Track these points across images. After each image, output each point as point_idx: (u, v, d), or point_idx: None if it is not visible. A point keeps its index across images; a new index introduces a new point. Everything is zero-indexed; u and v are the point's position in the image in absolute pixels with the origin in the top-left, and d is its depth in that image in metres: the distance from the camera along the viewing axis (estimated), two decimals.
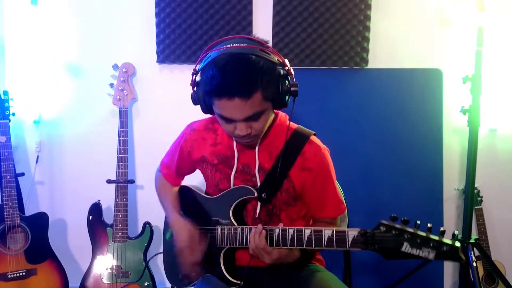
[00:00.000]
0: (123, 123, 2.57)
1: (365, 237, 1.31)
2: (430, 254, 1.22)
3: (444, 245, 1.21)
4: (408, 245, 1.24)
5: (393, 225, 1.27)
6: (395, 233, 1.26)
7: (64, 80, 2.76)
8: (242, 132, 1.43)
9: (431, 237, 1.22)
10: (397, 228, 1.26)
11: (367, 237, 1.31)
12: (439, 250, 1.21)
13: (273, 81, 1.41)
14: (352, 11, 2.63)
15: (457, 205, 2.81)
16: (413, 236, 1.24)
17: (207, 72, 1.38)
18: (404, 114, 2.69)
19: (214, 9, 2.64)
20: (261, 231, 1.44)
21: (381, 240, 1.28)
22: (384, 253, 1.29)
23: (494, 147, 2.77)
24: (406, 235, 1.25)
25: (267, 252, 1.44)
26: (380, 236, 1.28)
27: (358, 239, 1.33)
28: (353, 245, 1.34)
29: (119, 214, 2.52)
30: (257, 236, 1.44)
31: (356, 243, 1.33)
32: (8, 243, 2.42)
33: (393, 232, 1.26)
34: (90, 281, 2.50)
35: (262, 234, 1.44)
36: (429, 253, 1.22)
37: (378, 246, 1.29)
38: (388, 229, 1.27)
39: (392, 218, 1.27)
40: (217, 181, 1.65)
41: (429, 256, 1.22)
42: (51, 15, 2.72)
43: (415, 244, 1.23)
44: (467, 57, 2.45)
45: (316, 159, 1.57)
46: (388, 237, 1.27)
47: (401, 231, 1.26)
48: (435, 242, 1.21)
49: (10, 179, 2.42)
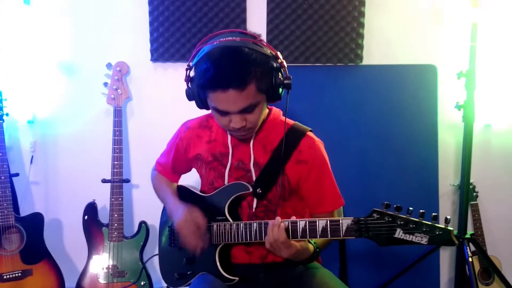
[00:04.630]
0: (117, 122, 2.56)
1: (358, 225, 1.32)
2: (423, 239, 1.23)
3: (436, 229, 1.23)
4: (401, 231, 1.26)
5: (386, 212, 1.29)
6: (388, 219, 1.28)
7: (58, 79, 2.74)
8: (237, 124, 1.43)
9: (424, 222, 1.24)
10: (390, 215, 1.28)
11: (361, 225, 1.32)
12: (432, 234, 1.22)
13: (267, 73, 1.41)
14: (346, 8, 2.63)
15: (452, 201, 2.82)
16: (406, 222, 1.25)
17: (201, 66, 1.39)
18: (399, 110, 2.69)
19: (208, 6, 2.63)
20: (279, 223, 1.40)
21: (374, 227, 1.30)
22: (378, 240, 1.30)
23: (489, 143, 2.78)
24: (399, 221, 1.26)
25: (287, 246, 1.40)
26: (373, 223, 1.30)
27: (352, 227, 1.33)
28: (347, 233, 1.34)
29: (114, 213, 2.51)
30: (276, 229, 1.39)
31: (350, 231, 1.34)
32: (3, 244, 2.41)
33: (386, 219, 1.28)
34: (86, 281, 2.49)
35: (282, 226, 1.40)
36: (422, 238, 1.23)
37: (372, 233, 1.30)
38: (381, 216, 1.29)
39: (385, 205, 1.29)
40: (211, 180, 1.64)
41: (422, 241, 1.23)
42: (44, 15, 2.70)
43: (408, 229, 1.25)
44: (462, 52, 2.45)
45: (310, 151, 1.57)
46: (381, 223, 1.28)
47: (394, 218, 1.27)
48: (427, 227, 1.23)
49: (4, 180, 2.41)
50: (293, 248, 1.41)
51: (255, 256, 1.61)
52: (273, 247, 1.42)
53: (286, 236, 1.39)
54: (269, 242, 1.41)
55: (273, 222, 1.41)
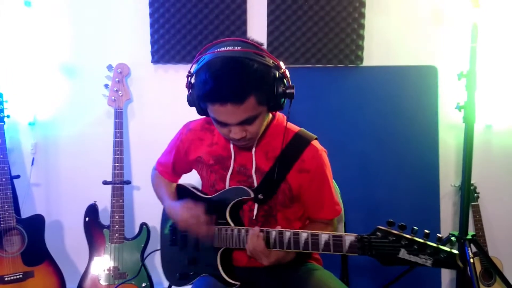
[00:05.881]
0: (118, 124, 2.57)
1: (361, 243, 1.30)
2: (427, 261, 1.20)
3: (441, 252, 1.19)
4: (405, 252, 1.22)
5: (390, 230, 1.26)
6: (391, 239, 1.24)
7: (59, 81, 2.74)
8: (237, 135, 1.42)
9: (429, 244, 1.20)
10: (394, 234, 1.25)
11: (364, 243, 1.29)
12: (437, 257, 1.19)
13: (268, 84, 1.39)
14: (346, 9, 2.63)
15: (453, 202, 2.82)
16: (410, 242, 1.22)
17: (201, 76, 1.37)
18: (400, 111, 2.69)
19: (208, 8, 2.63)
20: (258, 233, 1.43)
21: (378, 246, 1.27)
22: (381, 258, 1.27)
23: (490, 143, 2.78)
24: (403, 241, 1.23)
25: (265, 255, 1.43)
26: (377, 242, 1.27)
27: (355, 245, 1.31)
28: (350, 250, 1.32)
29: (115, 215, 2.51)
30: (254, 239, 1.43)
31: (353, 248, 1.32)
32: (5, 245, 2.41)
33: (389, 238, 1.25)
34: (87, 283, 2.49)
35: (260, 236, 1.43)
36: (427, 260, 1.20)
37: (375, 252, 1.27)
38: (385, 234, 1.26)
39: (389, 223, 1.26)
40: (212, 182, 1.64)
41: (426, 263, 1.20)
42: (44, 17, 2.71)
43: (412, 250, 1.21)
44: (462, 53, 2.45)
45: (313, 161, 1.56)
46: (385, 243, 1.25)
47: (398, 237, 1.24)
48: (432, 249, 1.19)
49: (5, 182, 2.41)
50: (272, 256, 1.44)
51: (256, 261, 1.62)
52: (252, 254, 1.46)
53: (265, 245, 1.42)
54: (249, 250, 1.46)
55: (253, 231, 1.45)
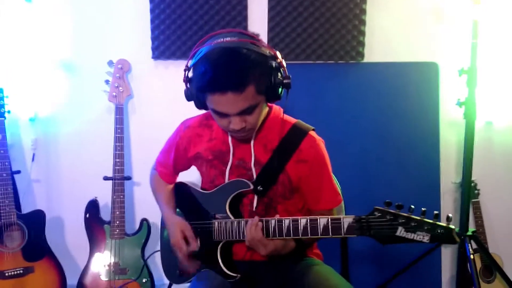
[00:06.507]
0: (119, 120, 2.57)
1: (360, 223, 1.32)
2: (424, 237, 1.23)
3: (438, 228, 1.22)
4: (402, 229, 1.25)
5: (387, 210, 1.28)
6: (389, 217, 1.27)
7: (59, 77, 2.74)
8: (237, 126, 1.43)
9: (425, 220, 1.24)
10: (392, 213, 1.28)
11: (362, 223, 1.32)
12: (434, 232, 1.22)
13: (266, 74, 1.41)
14: (347, 5, 2.62)
15: (454, 199, 2.82)
16: (408, 220, 1.25)
17: (199, 68, 1.38)
18: (401, 107, 2.69)
19: (209, 4, 2.62)
20: (257, 223, 1.44)
21: (376, 226, 1.29)
22: (380, 238, 1.30)
23: (491, 140, 2.77)
24: (400, 219, 1.26)
25: (263, 244, 1.44)
26: (375, 222, 1.30)
27: (353, 226, 1.33)
28: (349, 231, 1.35)
29: (116, 211, 2.52)
30: (253, 228, 1.44)
31: (351, 230, 1.34)
32: (5, 241, 2.41)
33: (387, 217, 1.28)
34: (88, 279, 2.50)
35: (259, 226, 1.44)
36: (424, 236, 1.23)
37: (374, 232, 1.30)
38: (382, 214, 1.29)
39: (387, 203, 1.28)
40: (212, 177, 1.64)
41: (424, 239, 1.23)
42: (45, 12, 2.70)
43: (409, 228, 1.25)
44: (463, 50, 2.45)
45: (311, 150, 1.57)
46: (383, 222, 1.28)
47: (395, 216, 1.27)
48: (429, 225, 1.23)
49: (6, 177, 2.41)
50: (270, 246, 1.45)
51: (256, 253, 1.61)
52: (251, 245, 1.47)
53: (262, 234, 1.43)
54: (247, 240, 1.47)
55: (251, 221, 1.46)
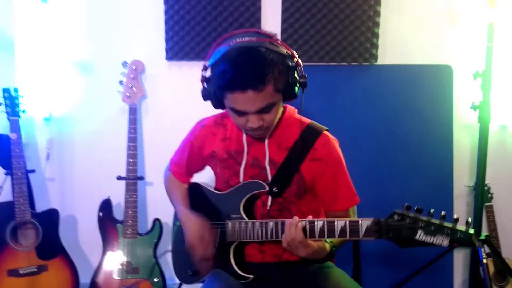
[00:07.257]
0: (132, 120, 2.58)
1: (379, 226, 1.32)
2: (444, 241, 1.23)
3: (458, 232, 1.22)
4: (422, 233, 1.26)
5: (407, 213, 1.28)
6: (409, 221, 1.27)
7: (74, 77, 2.77)
8: (254, 124, 1.44)
9: (445, 225, 1.24)
10: (411, 217, 1.28)
11: (381, 226, 1.31)
12: (454, 236, 1.22)
13: (284, 72, 1.43)
14: (361, 7, 2.62)
15: (467, 202, 2.80)
16: (427, 224, 1.25)
17: (219, 67, 1.40)
18: (414, 110, 2.67)
19: (222, 6, 2.63)
20: (297, 223, 1.40)
21: (395, 229, 1.29)
22: (398, 241, 1.30)
23: (505, 144, 2.75)
24: (420, 223, 1.26)
25: (304, 245, 1.40)
26: (394, 225, 1.29)
27: (372, 228, 1.33)
28: (367, 234, 1.34)
29: (129, 210, 2.53)
30: (293, 229, 1.40)
31: (370, 232, 1.34)
32: (20, 239, 2.44)
33: (407, 221, 1.28)
34: (100, 277, 2.52)
35: (299, 226, 1.40)
36: (443, 240, 1.23)
37: (392, 235, 1.30)
38: (402, 217, 1.29)
39: (406, 207, 1.28)
40: (226, 178, 1.65)
41: (443, 243, 1.24)
42: (60, 13, 2.73)
43: (429, 231, 1.25)
44: (478, 53, 2.43)
45: (325, 149, 1.57)
46: (402, 225, 1.28)
47: (415, 219, 1.27)
48: (449, 230, 1.23)
49: (21, 176, 2.44)
50: (310, 247, 1.41)
51: (268, 255, 1.62)
52: (290, 246, 1.42)
53: (303, 235, 1.39)
54: (286, 241, 1.41)
55: (291, 221, 1.41)
